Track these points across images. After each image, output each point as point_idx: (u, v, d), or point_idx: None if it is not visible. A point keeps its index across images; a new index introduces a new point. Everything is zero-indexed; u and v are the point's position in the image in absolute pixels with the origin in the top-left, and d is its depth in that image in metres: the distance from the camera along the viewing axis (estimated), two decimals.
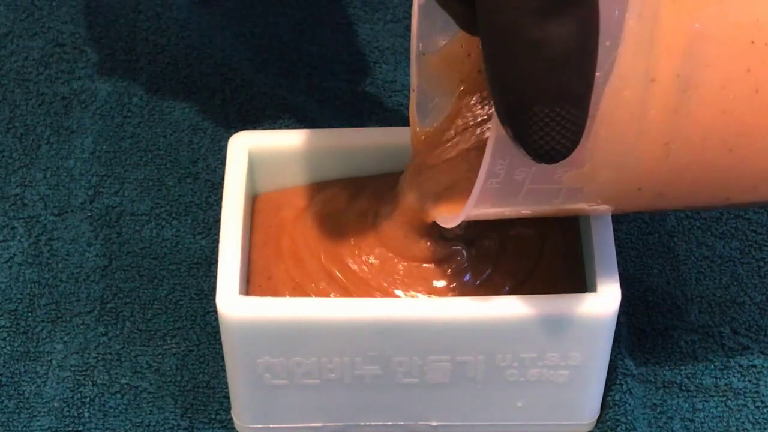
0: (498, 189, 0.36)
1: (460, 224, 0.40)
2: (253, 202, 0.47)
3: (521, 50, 0.32)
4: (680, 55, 0.35)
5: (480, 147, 0.42)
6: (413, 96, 0.44)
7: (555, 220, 0.45)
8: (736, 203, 0.39)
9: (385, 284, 0.44)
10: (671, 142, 0.36)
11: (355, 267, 0.44)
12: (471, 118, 0.43)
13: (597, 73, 0.34)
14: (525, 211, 0.39)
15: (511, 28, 0.32)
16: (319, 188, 0.47)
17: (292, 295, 0.44)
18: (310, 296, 0.44)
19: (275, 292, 0.44)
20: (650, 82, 0.35)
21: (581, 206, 0.39)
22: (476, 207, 0.37)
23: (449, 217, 0.41)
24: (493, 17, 0.32)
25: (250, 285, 0.45)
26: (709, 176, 0.38)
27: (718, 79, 0.36)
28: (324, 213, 0.46)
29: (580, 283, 0.44)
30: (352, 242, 0.45)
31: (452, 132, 0.43)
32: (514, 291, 0.44)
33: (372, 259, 0.44)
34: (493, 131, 0.35)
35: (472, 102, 0.43)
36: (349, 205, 0.46)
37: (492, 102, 0.34)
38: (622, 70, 0.35)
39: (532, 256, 0.44)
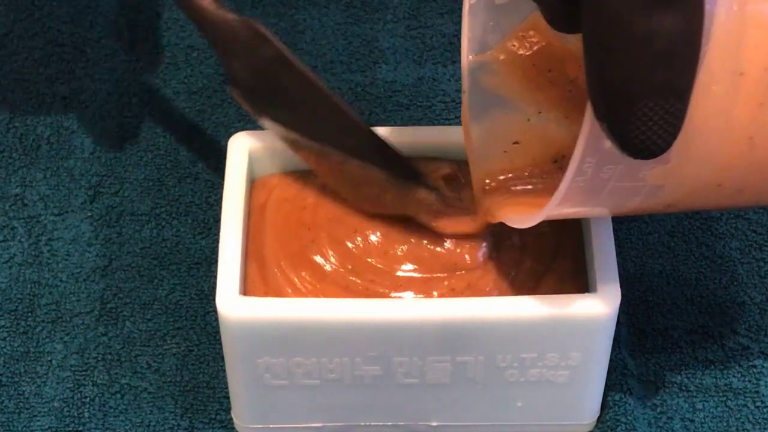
0: (582, 187, 0.36)
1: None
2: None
3: (629, 43, 0.32)
4: None
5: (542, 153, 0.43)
6: (464, 98, 0.44)
7: (558, 220, 0.45)
8: None
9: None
10: (755, 136, 0.36)
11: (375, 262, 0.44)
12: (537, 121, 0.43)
13: None
14: (601, 210, 0.39)
15: (620, 22, 0.32)
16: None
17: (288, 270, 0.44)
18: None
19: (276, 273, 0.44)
20: (739, 76, 0.35)
21: (657, 205, 0.39)
22: (558, 206, 0.37)
23: (521, 217, 0.41)
24: (601, 10, 0.32)
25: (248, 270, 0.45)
26: None
27: None
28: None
29: (581, 283, 0.44)
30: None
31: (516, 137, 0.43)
32: (523, 290, 0.44)
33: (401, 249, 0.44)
34: (586, 128, 0.34)
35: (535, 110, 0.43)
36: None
37: (588, 96, 0.33)
38: (711, 63, 0.35)
39: (546, 257, 0.44)
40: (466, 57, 0.44)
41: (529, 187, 0.43)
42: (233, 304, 0.42)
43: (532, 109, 0.44)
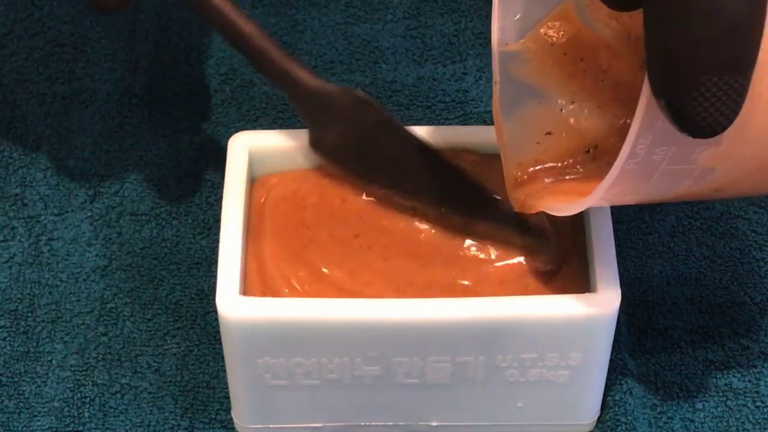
0: (634, 170, 0.36)
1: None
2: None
3: (694, 17, 0.31)
4: None
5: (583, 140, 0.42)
6: (496, 89, 0.44)
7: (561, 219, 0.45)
8: None
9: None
10: None
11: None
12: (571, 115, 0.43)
13: None
14: (647, 195, 0.38)
15: None
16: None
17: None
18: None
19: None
20: None
21: (705, 189, 0.38)
22: (607, 190, 0.37)
23: (564, 206, 0.40)
24: None
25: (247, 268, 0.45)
26: None
27: None
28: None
29: (581, 283, 0.44)
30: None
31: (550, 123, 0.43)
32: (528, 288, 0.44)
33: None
34: (641, 107, 0.34)
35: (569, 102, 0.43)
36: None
37: (647, 72, 0.33)
38: None
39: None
40: (497, 47, 0.44)
41: (565, 177, 0.43)
42: (233, 304, 0.42)
43: (564, 99, 0.43)
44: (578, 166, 0.43)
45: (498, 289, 0.43)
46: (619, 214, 0.52)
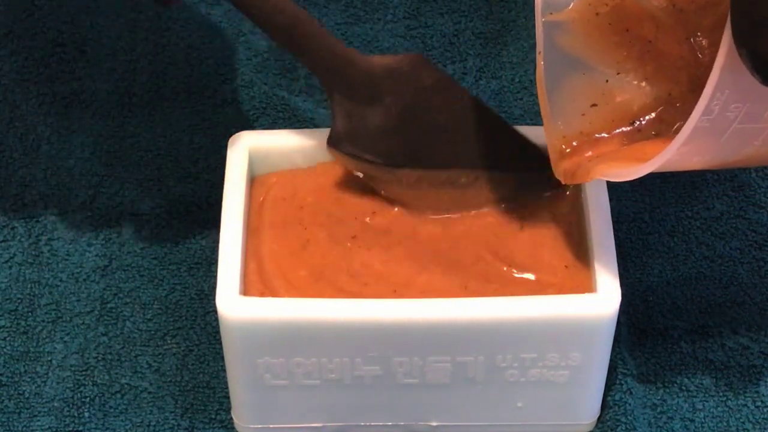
0: (707, 128, 0.35)
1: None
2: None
3: None
4: None
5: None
6: (539, 59, 0.43)
7: (561, 220, 0.45)
8: None
9: None
10: None
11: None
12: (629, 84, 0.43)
13: None
14: (715, 158, 0.38)
15: None
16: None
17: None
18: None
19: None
20: None
21: None
22: (677, 150, 0.36)
23: (625, 171, 0.39)
24: None
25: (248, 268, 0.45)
26: None
27: None
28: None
29: (581, 283, 0.44)
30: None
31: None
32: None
33: None
34: (720, 61, 0.33)
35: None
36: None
37: (731, 21, 0.32)
38: None
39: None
40: (540, 16, 0.43)
41: (612, 148, 0.42)
42: (233, 304, 0.42)
43: (610, 69, 0.43)
44: (624, 139, 0.42)
45: (498, 290, 0.43)
46: (619, 214, 0.52)
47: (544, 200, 0.46)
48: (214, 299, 0.42)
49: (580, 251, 0.45)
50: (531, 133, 0.46)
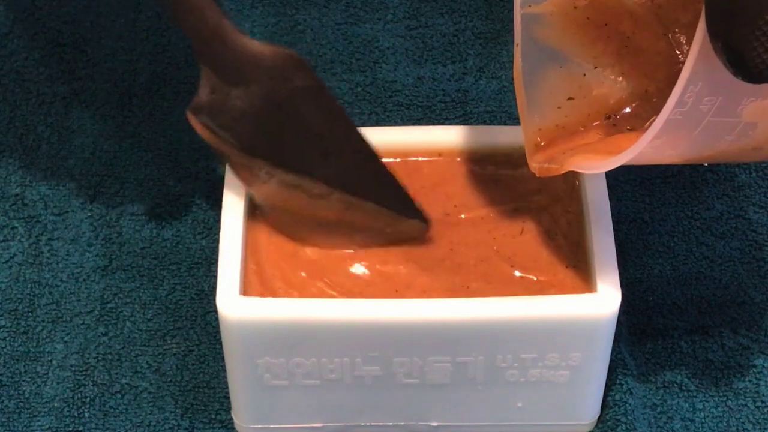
0: (679, 121, 0.35)
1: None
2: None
3: None
4: None
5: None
6: (517, 51, 0.43)
7: (561, 220, 0.45)
8: None
9: None
10: None
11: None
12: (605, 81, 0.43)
13: None
14: (688, 152, 0.37)
15: None
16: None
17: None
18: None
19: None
20: None
21: (745, 147, 0.37)
22: (650, 143, 0.36)
23: (598, 163, 0.39)
24: None
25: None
26: None
27: None
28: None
29: (581, 283, 0.44)
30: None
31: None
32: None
33: None
34: (694, 53, 0.33)
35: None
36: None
37: (706, 12, 0.32)
38: None
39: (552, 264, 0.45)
40: (519, 8, 0.43)
41: (587, 142, 0.42)
42: (233, 304, 0.42)
43: (588, 63, 0.43)
44: (599, 132, 0.42)
45: (497, 290, 0.43)
46: (619, 214, 0.52)
47: (544, 201, 0.46)
48: (214, 299, 0.42)
49: (580, 251, 0.45)
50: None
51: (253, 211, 0.46)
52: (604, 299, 0.42)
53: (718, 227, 0.53)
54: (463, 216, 0.46)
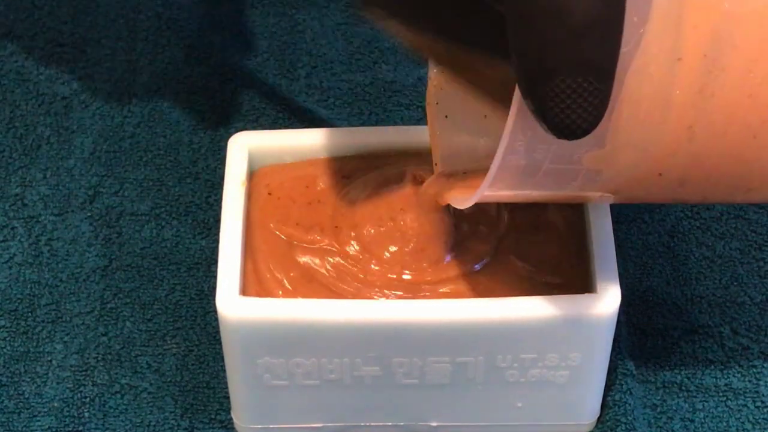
0: (516, 167, 0.36)
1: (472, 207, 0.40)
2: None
3: (543, 18, 0.32)
4: (708, 35, 0.34)
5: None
6: (430, 85, 0.44)
7: (561, 220, 0.45)
8: (758, 196, 0.38)
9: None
10: (695, 125, 0.35)
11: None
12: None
13: (623, 49, 0.33)
14: (540, 194, 0.38)
15: None
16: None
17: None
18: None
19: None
20: (677, 61, 0.34)
21: (598, 191, 0.38)
22: (492, 186, 0.37)
23: (463, 198, 0.40)
24: None
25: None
26: (733, 163, 0.36)
27: (745, 62, 0.35)
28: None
29: (581, 283, 0.44)
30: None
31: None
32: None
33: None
34: (515, 105, 0.34)
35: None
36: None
37: (514, 71, 0.33)
38: (648, 46, 0.34)
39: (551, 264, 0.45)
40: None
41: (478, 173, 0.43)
42: (233, 304, 0.42)
43: (485, 109, 0.43)
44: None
45: (496, 289, 0.43)
46: (619, 214, 0.52)
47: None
48: (214, 299, 0.42)
49: (580, 251, 0.45)
50: None
51: (253, 211, 0.46)
52: (604, 299, 0.42)
53: (718, 227, 0.53)
54: (462, 217, 0.46)
